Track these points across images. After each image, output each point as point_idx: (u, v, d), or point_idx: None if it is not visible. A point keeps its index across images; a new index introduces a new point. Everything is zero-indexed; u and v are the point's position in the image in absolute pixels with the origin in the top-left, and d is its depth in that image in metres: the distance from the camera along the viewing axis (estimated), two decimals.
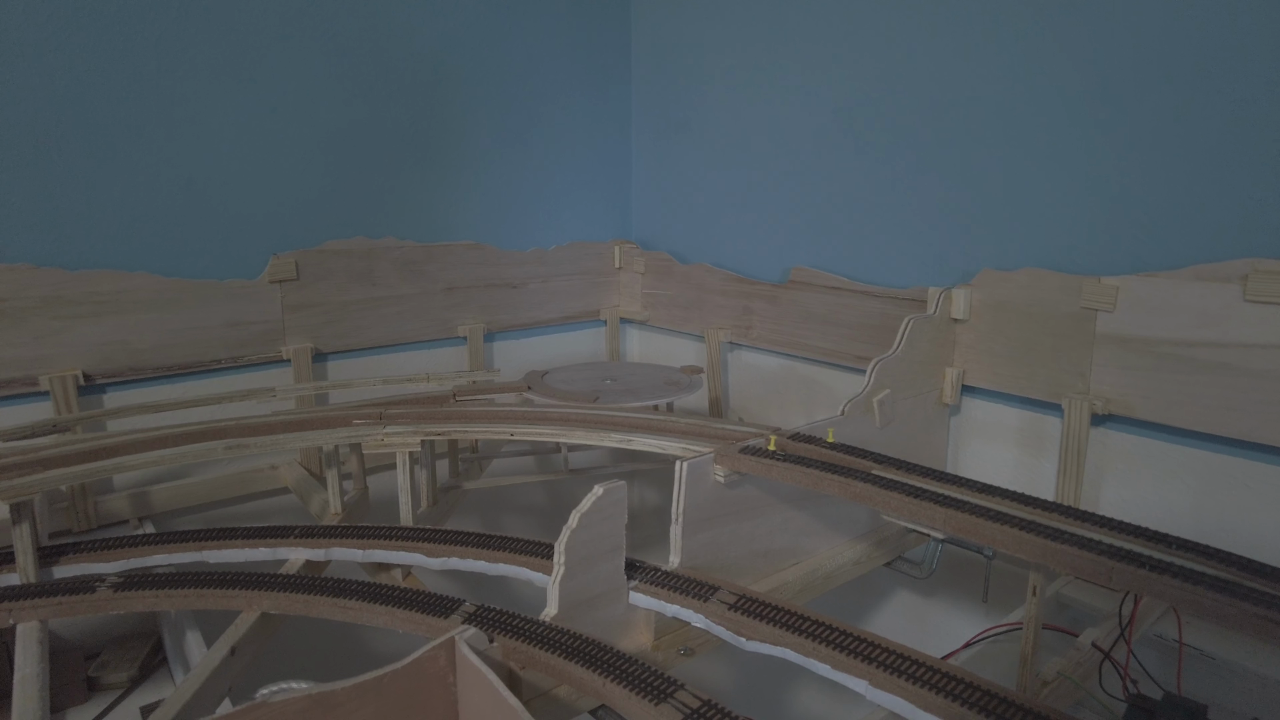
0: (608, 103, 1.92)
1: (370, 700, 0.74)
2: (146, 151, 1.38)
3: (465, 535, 1.02)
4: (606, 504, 0.86)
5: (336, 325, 1.60)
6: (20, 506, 0.97)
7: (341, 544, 1.02)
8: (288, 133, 1.51)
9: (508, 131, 1.78)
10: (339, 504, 1.20)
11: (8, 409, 1.32)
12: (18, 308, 1.30)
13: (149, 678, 1.33)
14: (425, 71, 1.64)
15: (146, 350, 1.41)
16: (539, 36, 1.78)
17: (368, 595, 0.89)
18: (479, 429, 1.16)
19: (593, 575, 0.88)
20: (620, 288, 2.01)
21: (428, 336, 1.73)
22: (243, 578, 0.95)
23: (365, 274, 1.62)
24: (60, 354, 1.34)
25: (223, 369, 1.50)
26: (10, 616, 0.90)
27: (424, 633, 0.85)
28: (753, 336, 1.68)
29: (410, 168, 1.66)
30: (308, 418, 1.21)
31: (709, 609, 0.87)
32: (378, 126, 1.61)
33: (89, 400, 1.39)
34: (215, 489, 1.49)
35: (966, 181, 1.32)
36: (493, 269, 1.80)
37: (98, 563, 1.02)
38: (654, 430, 1.13)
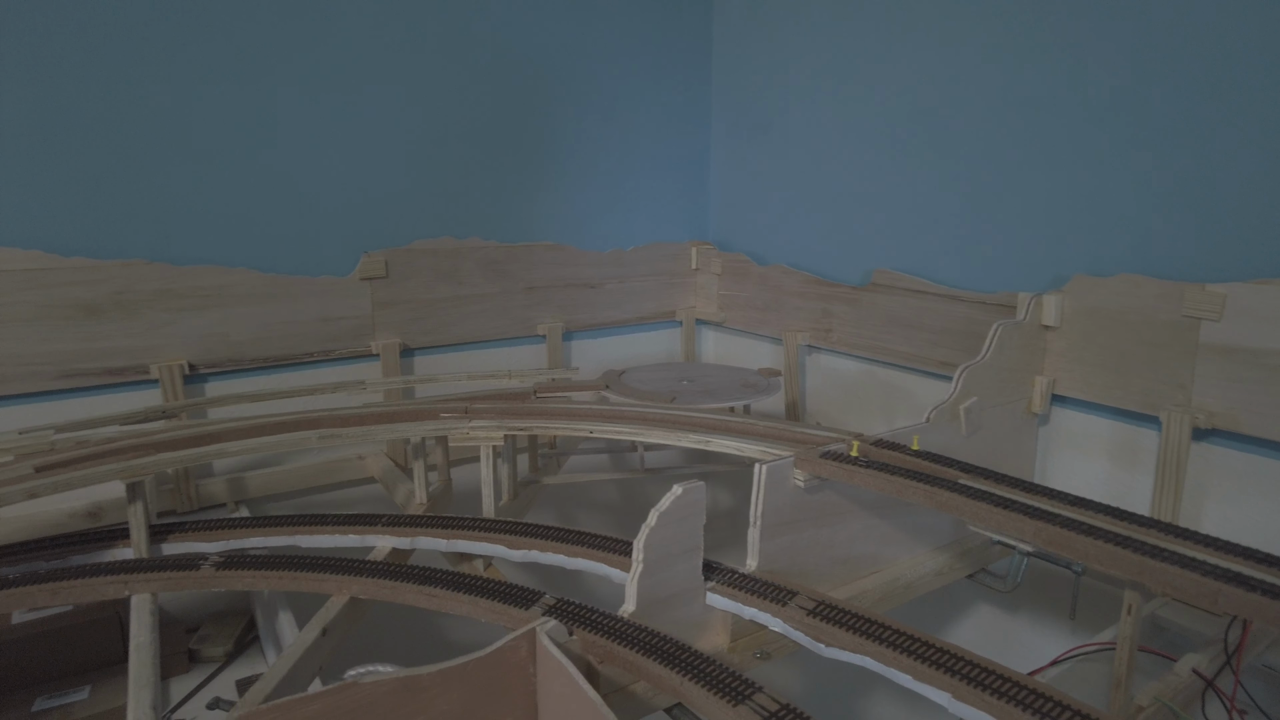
0: (686, 104, 1.93)
1: (454, 686, 0.76)
2: (247, 155, 1.45)
3: (545, 529, 1.04)
4: (685, 504, 0.87)
5: (423, 322, 1.65)
6: (135, 486, 1.03)
7: (427, 533, 1.05)
8: (378, 137, 1.56)
9: (588, 134, 1.80)
10: (424, 494, 1.24)
11: (122, 395, 1.41)
12: (132, 300, 1.39)
13: (243, 653, 1.39)
14: (509, 76, 1.68)
15: (245, 342, 1.48)
16: (621, 41, 1.80)
17: (452, 584, 0.92)
18: (559, 425, 1.18)
19: (670, 574, 0.88)
20: (696, 289, 2.01)
21: (509, 334, 1.77)
22: (333, 562, 0.99)
23: (451, 273, 1.67)
24: (168, 344, 1.42)
25: (315, 362, 1.56)
26: (126, 588, 0.96)
27: (505, 623, 0.88)
28: (832, 340, 1.66)
29: (495, 170, 1.70)
30: (397, 410, 1.25)
31: (787, 613, 0.86)
32: (464, 130, 1.65)
33: (193, 388, 1.47)
34: (306, 476, 1.55)
35: (1059, 183, 1.28)
36: (571, 269, 1.82)
37: (201, 542, 1.08)
38: (732, 432, 1.13)
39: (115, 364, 1.39)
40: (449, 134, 1.64)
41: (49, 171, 1.31)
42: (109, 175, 1.35)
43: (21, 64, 1.27)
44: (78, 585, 0.96)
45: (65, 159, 1.32)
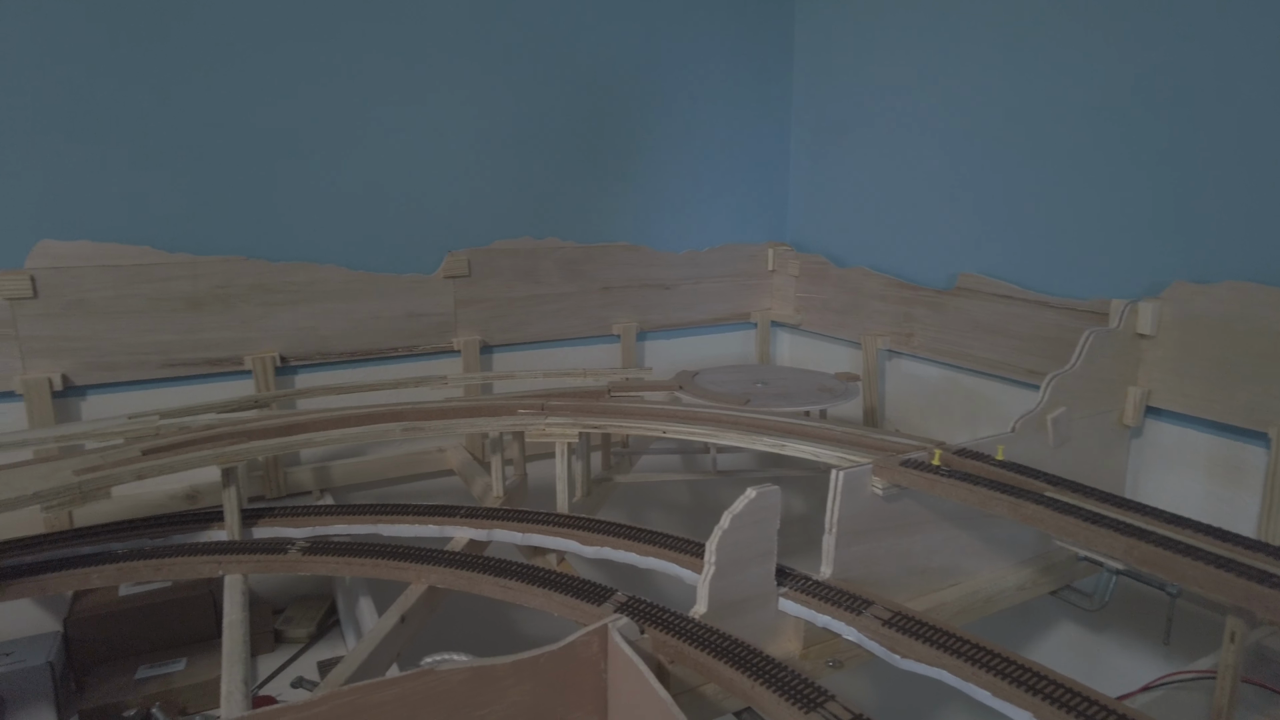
0: (765, 104, 1.91)
1: (527, 677, 0.78)
2: (340, 158, 1.51)
3: (617, 526, 1.04)
4: (759, 507, 0.86)
5: (502, 320, 1.68)
6: (229, 472, 1.08)
7: (503, 526, 1.08)
8: (462, 139, 1.60)
9: (665, 134, 1.81)
10: (501, 488, 1.27)
11: (219, 384, 1.48)
12: (229, 294, 1.46)
13: (324, 636, 1.45)
14: (587, 78, 1.70)
15: (334, 336, 1.54)
16: (699, 41, 1.80)
17: (526, 577, 0.93)
18: (633, 425, 1.19)
19: (742, 577, 0.88)
20: (773, 290, 1.99)
21: (584, 333, 1.79)
22: (413, 551, 1.02)
23: (529, 272, 1.70)
24: (262, 337, 1.49)
25: (399, 357, 1.61)
26: (220, 568, 1.01)
27: (577, 618, 0.89)
28: (913, 345, 1.63)
29: (573, 171, 1.72)
30: (476, 405, 1.28)
31: (862, 623, 0.85)
32: (545, 132, 1.68)
33: (283, 380, 1.53)
34: (387, 467, 1.60)
35: (1156, 185, 1.22)
36: (647, 269, 1.83)
37: (289, 527, 1.12)
38: (808, 436, 1.12)
39: (214, 355, 1.46)
40: (530, 136, 1.67)
41: (159, 173, 1.39)
42: (212, 176, 1.42)
43: (138, 76, 1.34)
44: (178, 563, 1.01)
45: (174, 161, 1.40)
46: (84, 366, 1.38)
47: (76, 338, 1.37)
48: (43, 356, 1.35)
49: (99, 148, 1.35)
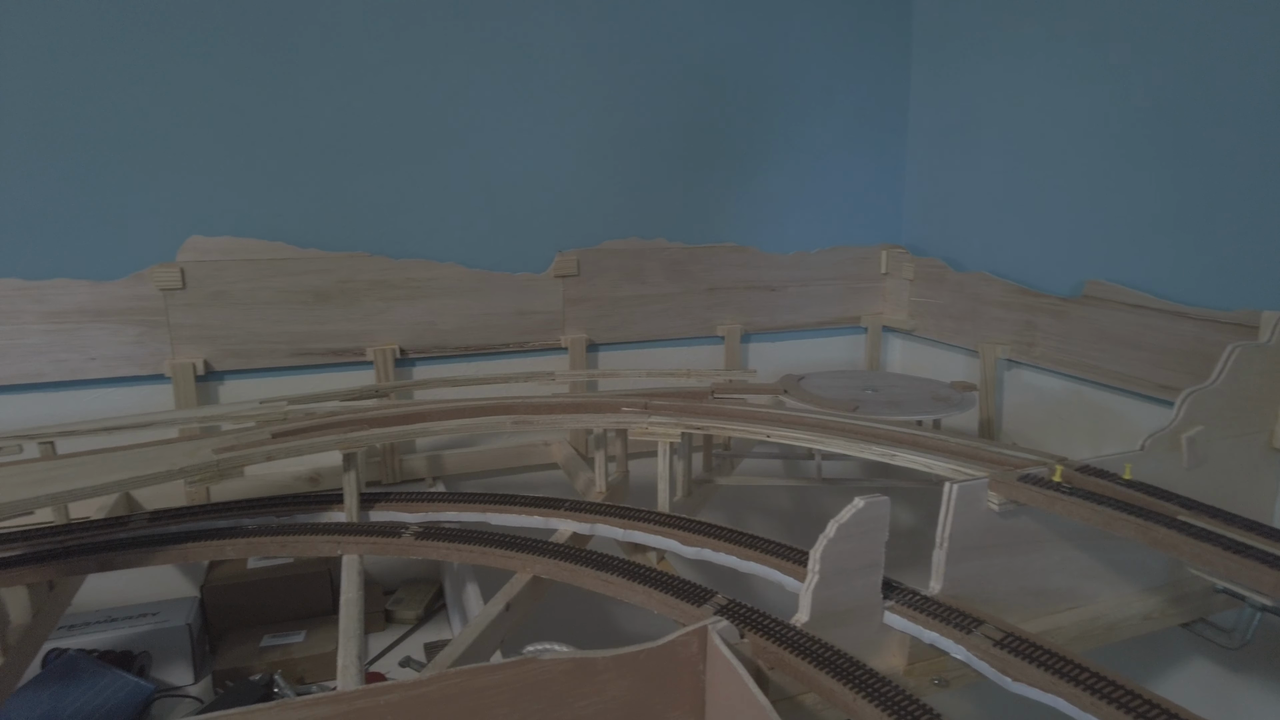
0: (881, 102, 1.86)
1: (626, 672, 0.79)
2: (456, 157, 1.57)
3: (719, 529, 1.04)
4: (867, 518, 0.84)
5: (608, 319, 1.70)
6: (350, 457, 1.14)
7: (605, 521, 1.09)
8: (573, 141, 1.63)
9: (774, 133, 1.78)
10: (604, 484, 1.28)
11: (342, 374, 1.57)
12: (354, 289, 1.53)
13: (431, 618, 1.51)
14: (697, 78, 1.70)
15: (449, 331, 1.60)
16: (811, 38, 1.77)
17: (627, 573, 0.94)
18: (737, 427, 1.18)
19: (847, 588, 0.86)
20: (885, 294, 1.94)
21: (688, 334, 1.79)
22: (519, 541, 1.05)
23: (636, 272, 1.71)
24: (383, 330, 1.56)
25: (510, 352, 1.66)
26: (339, 548, 1.06)
27: (677, 617, 0.89)
28: (1034, 354, 1.55)
29: (682, 171, 1.73)
30: (582, 401, 1.30)
31: (972, 642, 0.81)
32: (653, 133, 1.69)
33: (402, 371, 1.60)
34: (495, 458, 1.65)
35: None
36: (753, 271, 1.82)
37: (403, 512, 1.17)
38: (920, 447, 1.09)
39: (338, 346, 1.54)
40: (641, 137, 1.68)
41: (294, 174, 1.48)
42: (341, 177, 1.51)
43: (276, 86, 1.44)
44: (301, 541, 1.08)
45: (308, 163, 1.48)
46: (223, 353, 1.49)
47: (217, 326, 1.47)
48: (188, 343, 1.46)
49: (243, 151, 1.45)
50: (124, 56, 1.36)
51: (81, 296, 1.40)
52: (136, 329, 1.43)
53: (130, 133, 1.39)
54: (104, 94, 1.36)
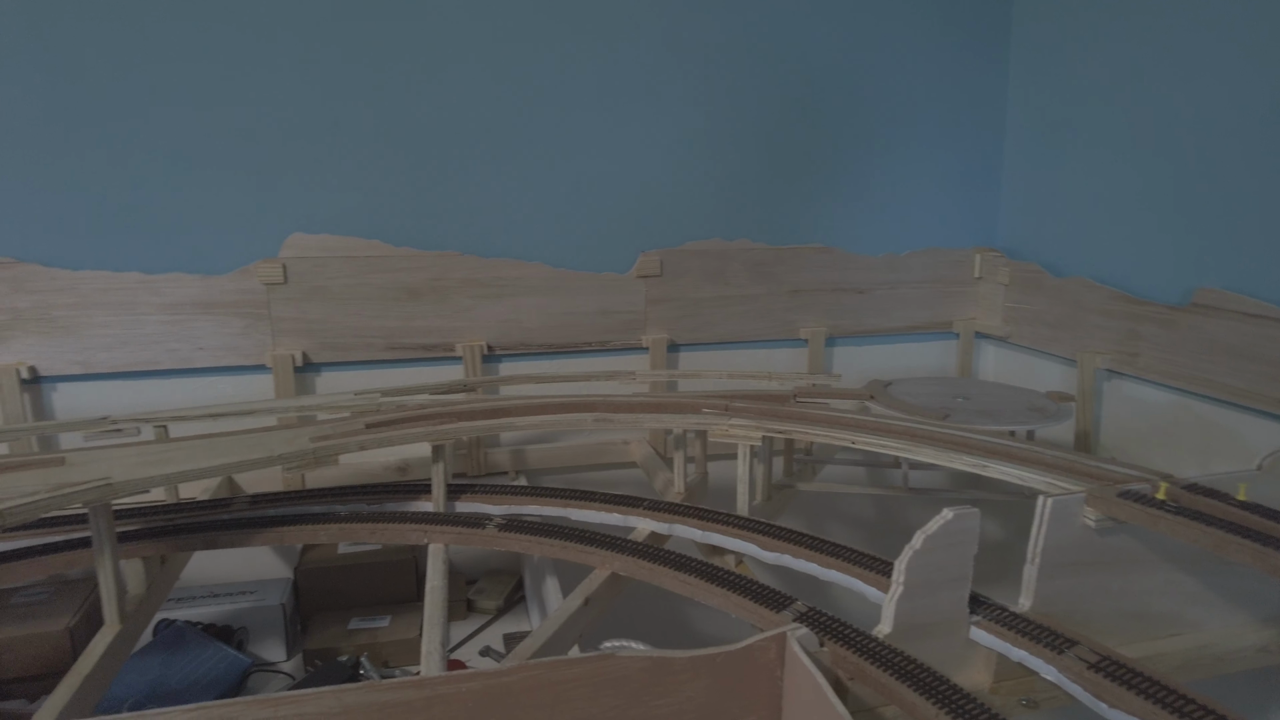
0: (976, 101, 1.80)
1: (703, 674, 0.78)
2: (544, 158, 1.59)
3: (799, 535, 1.03)
4: (956, 530, 0.82)
5: (690, 319, 1.70)
6: (438, 449, 1.18)
7: (684, 521, 1.09)
8: (658, 142, 1.64)
9: (863, 132, 1.75)
10: (682, 484, 1.28)
11: (432, 368, 1.61)
12: (445, 286, 1.58)
13: (511, 610, 1.54)
14: (783, 78, 1.68)
15: (534, 329, 1.63)
16: (903, 35, 1.72)
17: (706, 574, 0.94)
18: (819, 432, 1.16)
19: (932, 601, 0.84)
20: (978, 299, 1.87)
21: (770, 336, 1.78)
22: (599, 538, 1.06)
23: (718, 273, 1.71)
24: (471, 327, 1.60)
25: (592, 351, 1.68)
26: (426, 536, 1.09)
27: (755, 621, 0.88)
28: (1138, 365, 1.47)
29: (767, 171, 1.71)
30: (662, 401, 1.31)
31: (1064, 663, 0.78)
32: (738, 133, 1.68)
33: (488, 367, 1.64)
34: (576, 455, 1.68)
35: None
36: (840, 273, 1.78)
37: (487, 504, 1.20)
38: (1013, 458, 1.05)
39: (428, 341, 1.59)
40: (726, 137, 1.67)
41: (390, 175, 1.53)
42: (434, 178, 1.55)
43: (372, 92, 1.49)
44: (390, 529, 1.11)
45: (403, 164, 1.54)
46: (320, 346, 1.55)
47: (316, 320, 1.54)
48: (289, 335, 1.53)
49: (342, 153, 1.51)
50: (233, 67, 1.43)
51: (193, 290, 1.48)
52: (241, 321, 1.51)
53: (239, 137, 1.46)
54: (215, 102, 1.44)
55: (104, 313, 1.46)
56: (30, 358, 1.45)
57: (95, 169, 1.42)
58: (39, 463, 1.11)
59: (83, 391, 1.49)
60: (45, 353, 1.45)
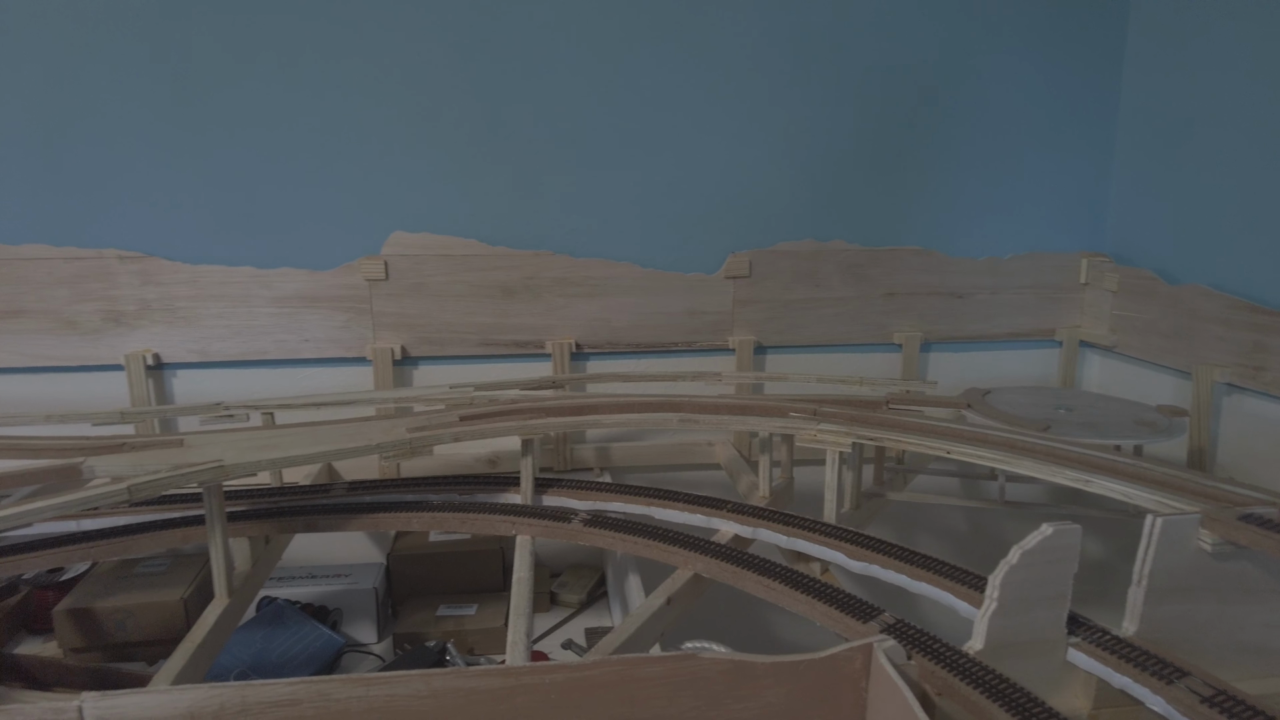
0: (1086, 100, 1.71)
1: (785, 680, 0.77)
2: (637, 158, 1.60)
3: (888, 545, 1.00)
4: (1056, 546, 0.78)
5: (778, 321, 1.69)
6: (527, 443, 1.20)
7: (768, 526, 1.08)
8: (751, 140, 1.63)
9: (967, 131, 1.69)
10: (767, 488, 1.27)
11: (523, 364, 1.65)
12: (537, 285, 1.61)
13: (592, 604, 1.55)
14: (884, 75, 1.64)
15: (622, 328, 1.64)
16: (1008, 29, 1.66)
17: (790, 580, 0.93)
18: (913, 440, 1.13)
19: (1028, 619, 0.80)
20: (1084, 306, 1.79)
21: (862, 340, 1.74)
22: (682, 538, 1.06)
23: (809, 274, 1.68)
24: (561, 325, 1.63)
25: (678, 351, 1.68)
26: (514, 528, 1.12)
27: (840, 631, 0.87)
28: (1263, 380, 1.37)
29: (863, 171, 1.68)
30: (749, 404, 1.30)
31: (1173, 694, 0.74)
32: (833, 131, 1.65)
33: (576, 365, 1.66)
34: (660, 454, 1.68)
35: None
36: (937, 276, 1.73)
37: (573, 500, 1.22)
38: (1119, 474, 0.99)
39: (520, 338, 1.63)
40: (820, 135, 1.65)
41: (487, 175, 1.57)
42: (530, 178, 1.59)
43: (470, 94, 1.53)
44: (480, 519, 1.14)
45: (500, 165, 1.58)
46: (418, 340, 1.61)
47: (414, 315, 1.59)
48: (388, 330, 1.59)
49: (442, 153, 1.56)
50: (342, 75, 1.50)
51: (301, 284, 1.56)
52: (345, 315, 1.58)
53: (345, 138, 1.53)
54: (322, 105, 1.51)
55: (220, 305, 1.55)
56: (155, 345, 1.56)
57: (217, 171, 1.51)
58: (160, 443, 1.19)
59: (199, 378, 1.59)
60: (168, 341, 1.56)
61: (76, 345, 1.54)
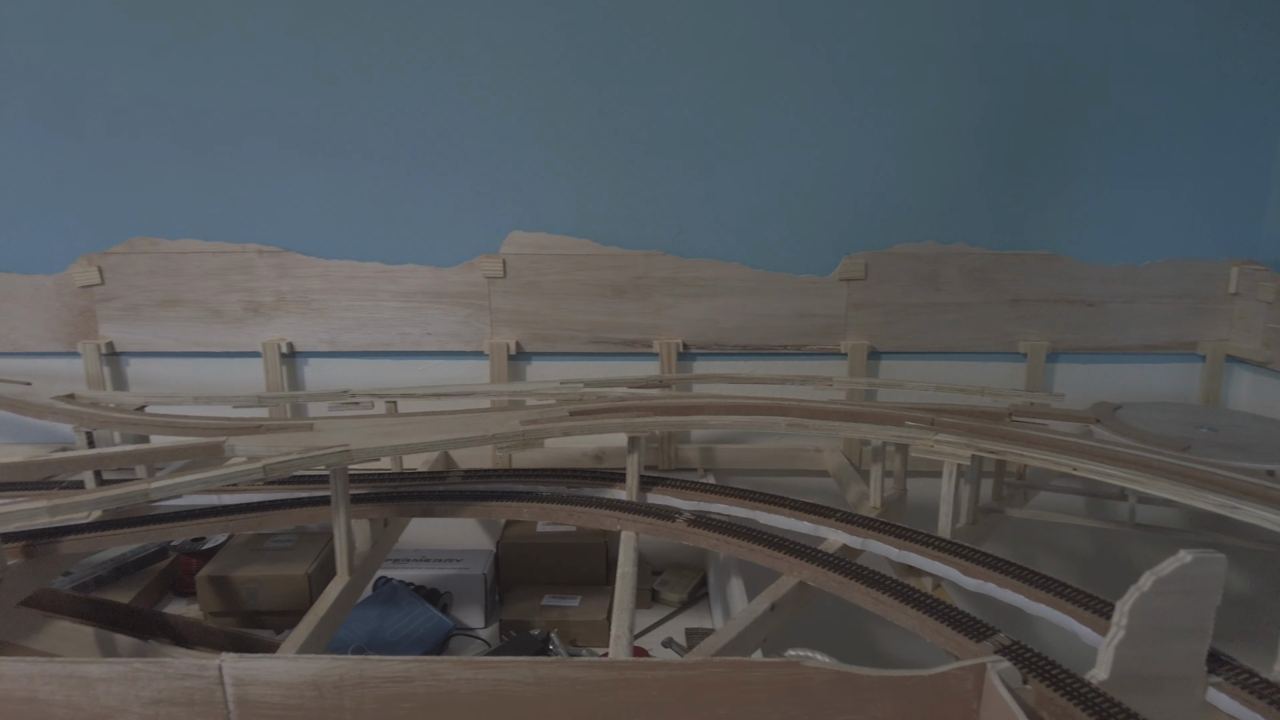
0: (1242, 98, 1.57)
1: (891, 695, 0.75)
2: (749, 158, 1.59)
3: (1007, 564, 0.96)
4: (1196, 575, 0.72)
5: (894, 326, 1.64)
6: (634, 440, 1.21)
7: (879, 537, 1.05)
8: (868, 139, 1.58)
9: (1101, 131, 1.59)
10: (879, 498, 1.24)
11: (630, 362, 1.67)
12: (647, 285, 1.62)
13: (693, 605, 1.55)
14: (1012, 70, 1.56)
15: (730, 329, 1.64)
16: (1158, 23, 1.54)
17: (901, 595, 0.90)
18: (1036, 455, 1.07)
19: (1160, 652, 0.75)
20: (1232, 318, 1.65)
21: (983, 348, 1.67)
22: (787, 544, 1.04)
23: (929, 278, 1.63)
24: (669, 325, 1.64)
25: (787, 354, 1.66)
26: (619, 524, 1.13)
27: (952, 649, 0.83)
28: None
29: (989, 170, 1.60)
30: (861, 410, 1.27)
31: None
32: (956, 130, 1.59)
33: (682, 365, 1.67)
34: (765, 458, 1.66)
35: None
36: (1068, 283, 1.64)
37: (677, 499, 1.22)
38: (1271, 501, 0.91)
39: (628, 337, 1.64)
40: (942, 134, 1.59)
41: (600, 177, 1.60)
42: (642, 179, 1.60)
43: (585, 99, 1.56)
44: (586, 513, 1.16)
45: (611, 167, 1.60)
46: (532, 337, 1.65)
47: (529, 312, 1.64)
48: (505, 325, 1.64)
49: (558, 154, 1.59)
50: (465, 79, 1.55)
51: (424, 280, 1.63)
52: (465, 311, 1.64)
53: (468, 142, 1.59)
54: (448, 110, 1.57)
55: (349, 298, 1.64)
56: (289, 335, 1.66)
57: (351, 173, 1.60)
58: (292, 427, 1.27)
59: (328, 367, 1.69)
60: (301, 331, 1.66)
61: (221, 333, 1.66)
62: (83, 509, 0.97)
